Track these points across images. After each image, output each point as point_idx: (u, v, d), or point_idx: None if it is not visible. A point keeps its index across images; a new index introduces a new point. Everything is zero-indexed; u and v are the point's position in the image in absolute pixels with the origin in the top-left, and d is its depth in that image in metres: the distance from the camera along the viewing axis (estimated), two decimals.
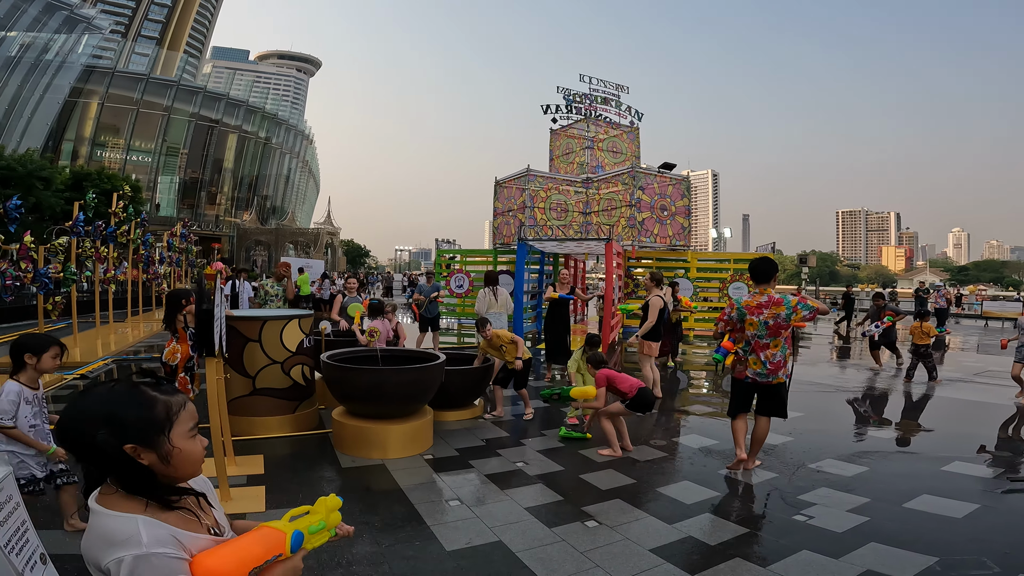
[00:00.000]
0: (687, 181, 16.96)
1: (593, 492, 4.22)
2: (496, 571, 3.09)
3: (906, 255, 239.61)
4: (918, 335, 9.19)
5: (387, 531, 3.52)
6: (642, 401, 5.06)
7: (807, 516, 3.81)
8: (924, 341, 9.10)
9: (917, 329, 9.21)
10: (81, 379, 8.01)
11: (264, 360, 5.39)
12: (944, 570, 3.13)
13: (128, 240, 13.95)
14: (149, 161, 50.82)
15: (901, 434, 6.04)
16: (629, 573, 3.05)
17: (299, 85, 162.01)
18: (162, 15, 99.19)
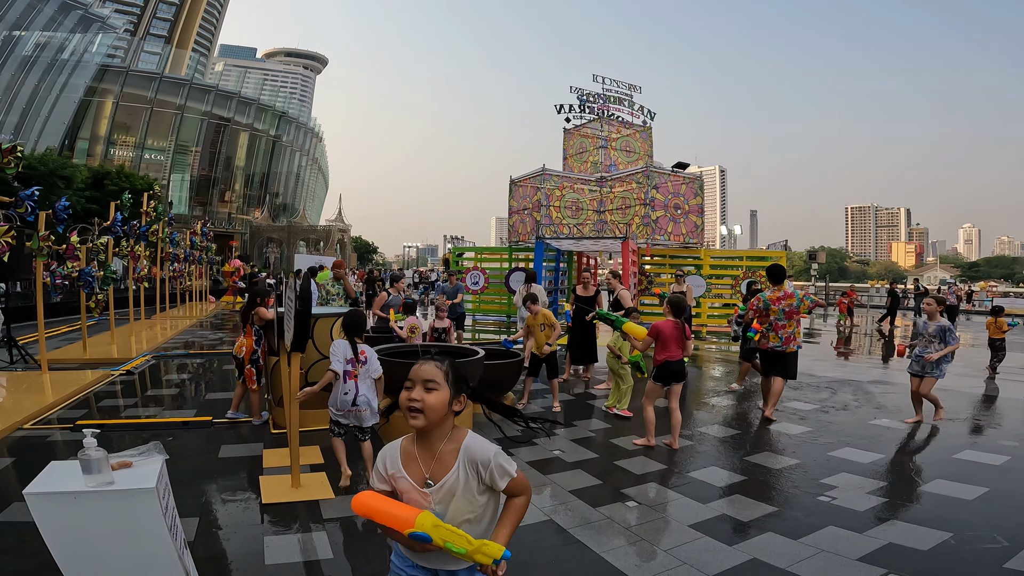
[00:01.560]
0: (700, 180, 17.23)
1: (629, 476, 4.57)
2: (553, 544, 3.44)
3: (916, 251, 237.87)
4: (992, 330, 9.63)
5: None
6: (664, 372, 5.29)
7: (830, 497, 4.15)
8: (999, 335, 9.53)
9: (992, 324, 9.66)
10: (127, 374, 8.42)
11: (316, 355, 5.75)
12: (959, 544, 3.45)
13: (158, 239, 14.39)
14: (162, 159, 51.51)
15: (915, 426, 6.33)
16: (673, 544, 3.41)
17: (306, 82, 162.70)
18: (170, 13, 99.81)
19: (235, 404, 6.14)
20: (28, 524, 3.38)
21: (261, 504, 3.92)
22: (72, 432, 5.53)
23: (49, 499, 2.04)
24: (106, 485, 2.09)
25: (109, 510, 2.07)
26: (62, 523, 2.03)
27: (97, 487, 2.08)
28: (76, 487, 2.07)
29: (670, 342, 5.27)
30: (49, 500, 2.04)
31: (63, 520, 2.04)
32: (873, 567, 3.15)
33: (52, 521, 2.02)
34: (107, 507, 2.06)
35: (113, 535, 2.09)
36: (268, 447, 5.19)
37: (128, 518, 2.08)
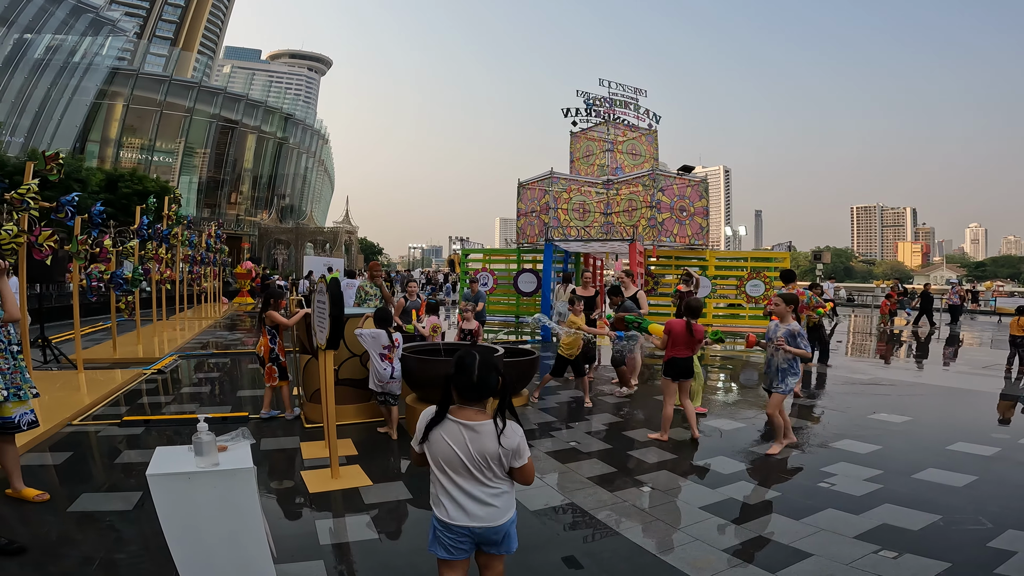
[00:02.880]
0: (705, 182, 17.54)
1: (643, 465, 4.92)
2: (575, 524, 3.80)
3: (922, 251, 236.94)
4: (1014, 327, 10.00)
5: None
6: (671, 368, 5.62)
7: (829, 483, 4.49)
8: (1021, 333, 9.88)
9: (1015, 323, 10.03)
10: (158, 373, 8.82)
11: (346, 354, 6.12)
12: (947, 525, 3.78)
13: (178, 242, 14.81)
14: (171, 162, 52.06)
15: (911, 419, 6.65)
16: (686, 523, 3.77)
17: (311, 84, 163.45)
18: (176, 15, 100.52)
19: (267, 403, 6.45)
20: (99, 514, 3.78)
21: (308, 493, 4.28)
22: (120, 428, 5.90)
23: (168, 479, 2.38)
24: (213, 466, 2.45)
25: (216, 488, 2.42)
26: (176, 501, 2.38)
27: (207, 467, 2.43)
28: (189, 468, 2.42)
29: (679, 341, 5.61)
30: (168, 480, 2.38)
31: (177, 498, 2.38)
32: (868, 544, 3.49)
33: (167, 499, 2.37)
34: (215, 485, 2.41)
35: (216, 512, 2.43)
36: (304, 440, 5.55)
37: (230, 496, 2.43)
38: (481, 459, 2.25)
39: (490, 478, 2.27)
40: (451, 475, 2.28)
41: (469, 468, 2.25)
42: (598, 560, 3.35)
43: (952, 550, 3.42)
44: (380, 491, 4.37)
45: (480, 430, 2.25)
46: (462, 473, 2.26)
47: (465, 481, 2.27)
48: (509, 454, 2.25)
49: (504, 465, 2.28)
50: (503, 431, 2.25)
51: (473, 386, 2.28)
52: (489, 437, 2.25)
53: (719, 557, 3.34)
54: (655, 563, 3.29)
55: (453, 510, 2.28)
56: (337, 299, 4.36)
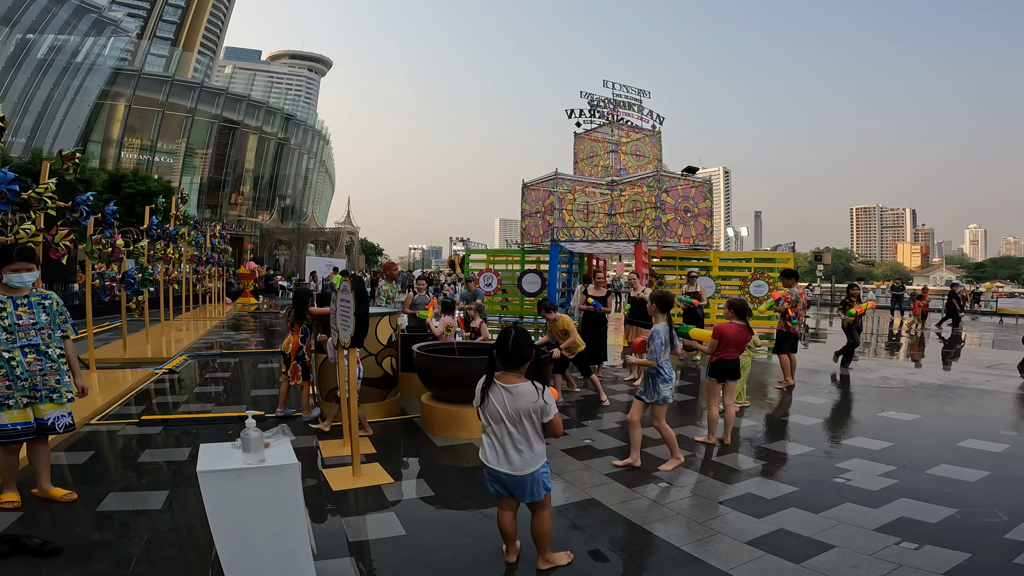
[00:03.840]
0: (709, 183, 17.63)
1: (658, 461, 4.97)
2: (598, 519, 3.86)
3: (922, 252, 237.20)
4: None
5: None
6: (719, 369, 5.51)
7: (845, 479, 4.55)
8: None
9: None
10: (169, 372, 8.87)
11: (363, 353, 6.17)
12: (964, 518, 3.84)
13: (184, 242, 14.86)
14: (172, 162, 52.09)
15: (920, 416, 6.70)
16: (706, 517, 3.82)
17: (311, 85, 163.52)
18: (176, 15, 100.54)
19: (282, 401, 6.50)
20: (128, 513, 3.82)
21: (331, 491, 4.32)
22: (138, 427, 5.95)
23: (217, 476, 2.42)
24: (260, 462, 2.49)
25: (263, 484, 2.46)
26: (225, 498, 2.41)
27: (255, 464, 2.48)
28: (237, 464, 2.47)
29: (731, 344, 5.47)
30: (217, 477, 2.42)
31: (226, 495, 2.41)
32: (889, 536, 3.55)
33: (216, 495, 2.40)
34: (261, 481, 2.45)
35: (262, 507, 2.46)
36: (322, 439, 5.60)
37: (276, 491, 2.47)
38: (515, 415, 2.89)
39: (521, 432, 2.91)
40: (493, 427, 2.97)
41: (505, 422, 2.91)
42: (625, 552, 3.41)
43: (971, 541, 3.48)
44: (402, 488, 4.42)
45: (515, 391, 2.91)
46: (501, 426, 2.92)
47: (502, 433, 2.93)
48: (541, 409, 2.89)
49: (535, 421, 2.91)
50: (541, 390, 2.91)
51: (508, 354, 2.94)
52: (523, 398, 2.89)
53: (743, 549, 3.40)
54: (680, 555, 3.34)
55: (491, 454, 2.99)
56: (363, 297, 4.40)
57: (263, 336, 14.03)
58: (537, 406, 2.88)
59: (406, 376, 6.99)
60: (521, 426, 2.90)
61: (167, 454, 5.12)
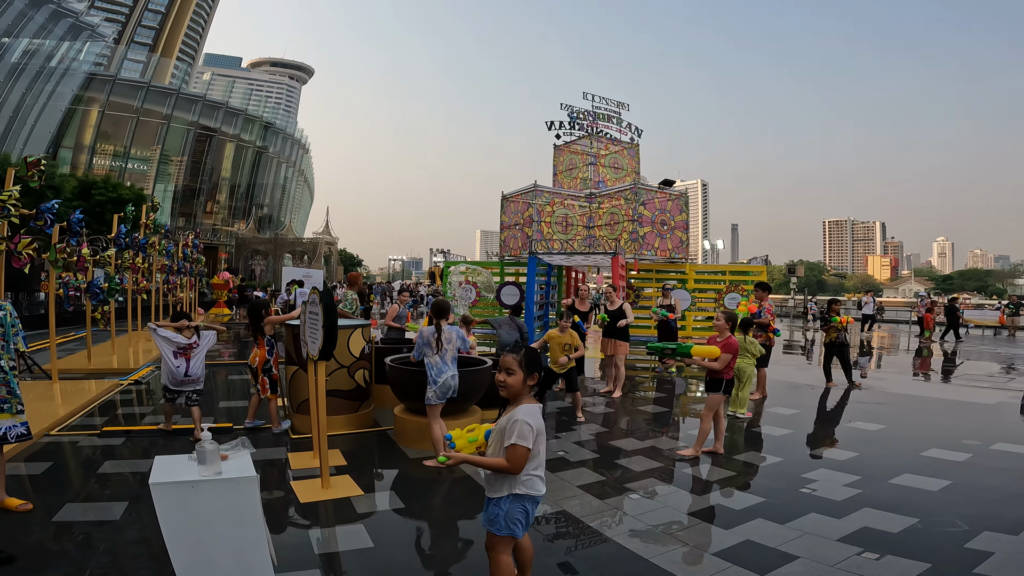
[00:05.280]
0: (685, 196, 17.89)
1: (630, 473, 5.00)
2: (568, 532, 3.85)
3: (891, 264, 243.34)
4: None
5: (472, 506, 4.27)
6: (729, 385, 5.56)
7: (811, 489, 4.62)
8: None
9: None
10: (136, 383, 8.66)
11: (334, 365, 6.10)
12: (925, 527, 3.91)
13: (155, 251, 14.56)
14: (146, 169, 51.16)
15: (885, 426, 6.83)
16: (675, 529, 3.84)
17: (291, 93, 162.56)
18: (156, 21, 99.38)
19: (251, 413, 6.39)
20: (85, 523, 3.73)
21: (299, 503, 4.25)
22: (99, 438, 5.79)
23: (171, 488, 2.37)
24: (216, 474, 2.45)
25: (220, 496, 2.42)
26: (179, 510, 2.37)
27: (211, 476, 2.43)
28: (192, 476, 2.42)
29: (736, 357, 5.58)
30: (170, 489, 2.37)
31: (180, 507, 2.37)
32: (851, 546, 3.60)
33: (170, 508, 2.36)
34: (218, 493, 2.41)
35: (220, 521, 2.43)
36: (291, 451, 5.51)
37: (234, 504, 2.43)
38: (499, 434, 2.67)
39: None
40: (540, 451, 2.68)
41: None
42: (593, 565, 3.40)
43: (932, 551, 3.54)
44: (372, 501, 4.37)
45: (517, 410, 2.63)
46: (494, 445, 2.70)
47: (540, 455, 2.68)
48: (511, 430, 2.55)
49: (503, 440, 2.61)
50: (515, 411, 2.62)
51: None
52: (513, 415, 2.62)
53: (710, 560, 3.42)
54: (648, 567, 3.35)
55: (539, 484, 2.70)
56: (331, 310, 4.36)
57: (236, 347, 13.78)
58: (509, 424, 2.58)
59: (379, 388, 6.92)
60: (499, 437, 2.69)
61: (129, 465, 5.02)
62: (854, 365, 10.39)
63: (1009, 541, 3.66)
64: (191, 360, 5.78)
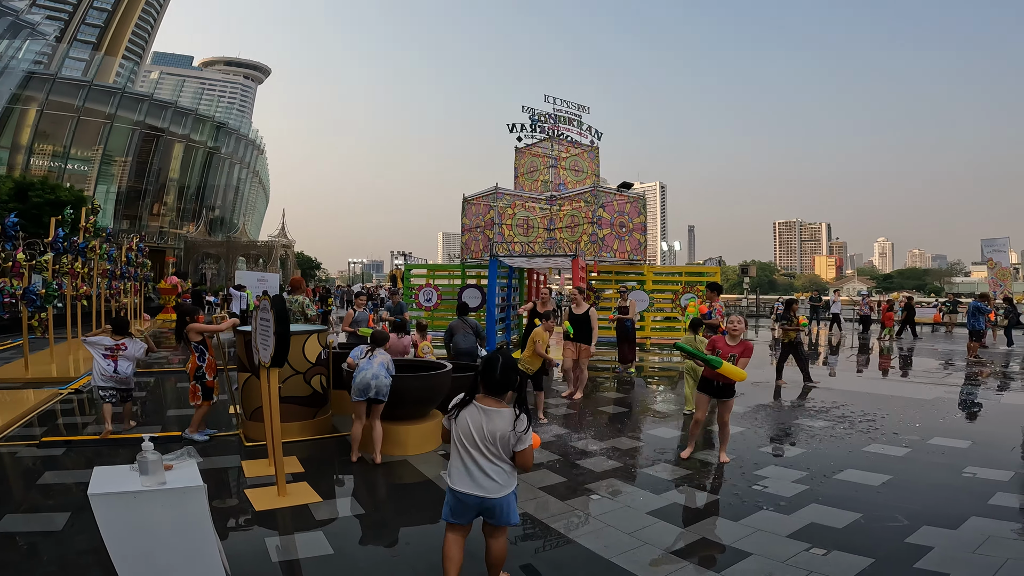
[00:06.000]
0: (643, 199, 18.24)
1: (590, 474, 5.05)
2: (530, 533, 3.87)
3: (836, 264, 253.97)
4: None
5: (436, 510, 4.21)
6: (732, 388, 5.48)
7: (763, 486, 4.76)
8: None
9: None
10: (76, 392, 8.27)
11: (288, 371, 5.94)
12: (868, 522, 4.07)
13: (95, 255, 13.89)
14: (87, 170, 48.79)
15: (830, 423, 7.11)
16: (634, 528, 3.90)
17: (246, 93, 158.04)
18: (101, 19, 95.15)
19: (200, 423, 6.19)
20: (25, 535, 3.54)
21: (255, 511, 4.14)
22: (38, 448, 5.52)
23: (112, 499, 2.27)
24: (160, 485, 2.35)
25: (164, 507, 2.33)
26: (121, 521, 2.27)
27: (154, 486, 2.33)
28: (134, 487, 2.31)
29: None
30: (112, 500, 2.27)
31: (123, 518, 2.27)
32: (800, 542, 3.72)
33: (112, 519, 2.25)
34: (163, 504, 2.32)
35: (166, 531, 2.34)
36: (245, 459, 5.35)
37: (181, 514, 2.34)
38: (490, 438, 2.81)
39: (493, 455, 2.83)
40: (465, 448, 2.85)
41: (478, 444, 2.82)
42: (555, 567, 3.43)
43: (874, 546, 3.65)
44: (331, 507, 4.30)
45: (494, 416, 2.84)
46: (472, 448, 2.83)
47: (475, 454, 2.83)
48: (516, 438, 2.81)
49: (508, 447, 2.83)
50: (519, 417, 2.82)
51: (496, 383, 2.89)
52: (502, 420, 2.82)
53: (668, 559, 3.49)
54: (609, 567, 3.39)
55: (458, 478, 2.87)
56: (283, 316, 4.26)
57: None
58: (512, 433, 2.80)
59: (339, 394, 6.79)
60: (495, 449, 2.83)
61: (71, 475, 4.84)
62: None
63: (947, 535, 3.79)
64: (118, 361, 6.08)
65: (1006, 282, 24.48)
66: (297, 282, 8.56)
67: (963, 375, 11.17)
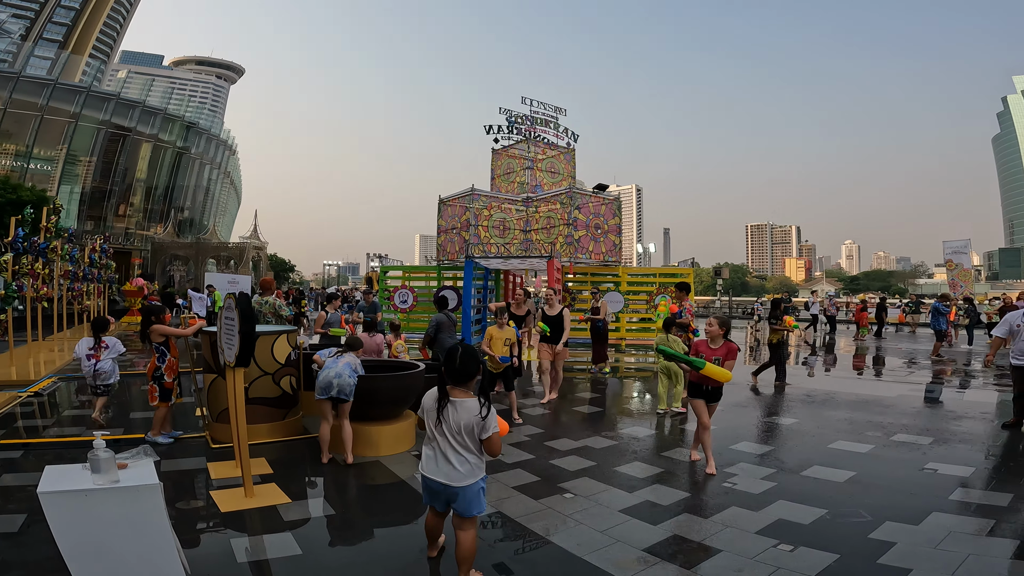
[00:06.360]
0: (618, 201, 18.40)
1: (564, 473, 5.06)
2: (503, 532, 3.87)
3: (806, 266, 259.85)
4: None
5: (409, 511, 4.19)
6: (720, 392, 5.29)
7: (732, 484, 4.81)
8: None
9: None
10: (35, 396, 8.00)
11: (256, 372, 5.82)
12: (833, 518, 4.12)
13: (57, 256, 13.44)
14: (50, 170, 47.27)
15: (798, 421, 7.24)
16: (607, 526, 3.91)
17: (218, 92, 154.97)
18: (69, 18, 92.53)
19: (165, 424, 6.04)
20: None
21: (220, 512, 4.05)
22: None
23: (62, 497, 2.19)
24: (113, 483, 2.28)
25: (118, 506, 2.26)
26: (73, 520, 2.20)
27: (106, 484, 2.25)
28: (86, 485, 2.24)
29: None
30: (62, 498, 2.19)
31: (74, 517, 2.20)
32: (768, 539, 3.76)
33: (63, 518, 2.18)
34: (116, 503, 2.25)
35: (120, 530, 2.27)
36: (211, 461, 5.24)
37: (135, 513, 2.27)
38: (456, 428, 2.96)
39: (461, 445, 2.97)
40: (435, 436, 3.03)
41: (447, 434, 2.98)
42: (528, 565, 3.42)
43: (839, 542, 3.69)
44: (301, 508, 4.23)
45: (460, 406, 2.98)
46: (440, 436, 3.00)
47: (442, 443, 3.00)
48: (480, 426, 2.94)
49: (475, 436, 2.97)
50: (482, 405, 2.96)
51: (456, 371, 3.01)
52: (467, 412, 2.96)
53: (640, 556, 3.50)
54: (582, 565, 3.39)
55: (428, 464, 3.06)
56: (248, 315, 4.17)
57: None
58: (478, 421, 2.95)
59: (309, 395, 6.65)
60: (461, 438, 2.98)
61: (29, 478, 4.63)
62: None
63: (910, 531, 3.85)
64: (99, 360, 6.60)
65: (967, 283, 25.33)
66: (267, 283, 8.39)
67: (925, 373, 11.50)
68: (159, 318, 6.01)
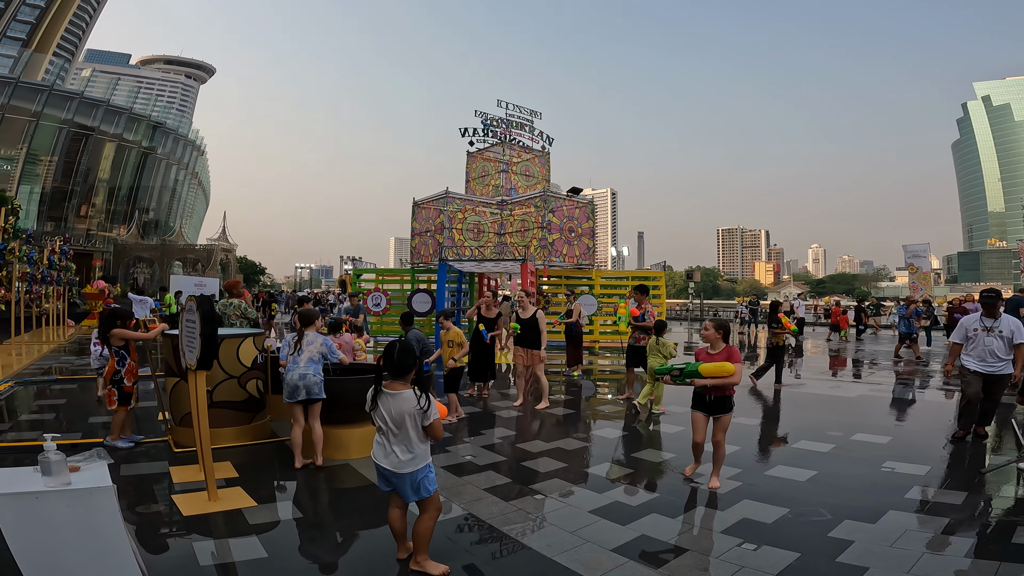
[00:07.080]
0: (592, 204, 18.55)
1: (535, 475, 5.07)
2: (474, 534, 3.86)
3: (774, 270, 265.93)
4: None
5: (379, 513, 4.13)
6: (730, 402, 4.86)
7: (698, 483, 4.88)
8: None
9: None
10: None
11: (221, 375, 5.70)
12: (795, 516, 4.20)
13: (14, 258, 12.97)
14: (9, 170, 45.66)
15: (764, 420, 7.40)
16: (577, 527, 3.94)
17: (187, 92, 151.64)
18: (34, 16, 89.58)
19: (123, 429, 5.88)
20: None
21: (182, 516, 3.97)
22: None
23: (12, 500, 2.13)
24: (65, 485, 2.22)
25: (70, 508, 2.20)
26: (24, 523, 2.14)
27: (57, 487, 2.20)
28: (36, 487, 2.18)
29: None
30: (12, 501, 2.13)
31: (25, 520, 2.14)
32: (733, 537, 3.81)
33: (14, 521, 2.12)
34: (68, 505, 2.20)
35: (72, 533, 2.22)
36: (173, 465, 5.12)
37: (88, 516, 2.22)
38: (398, 418, 3.14)
39: (404, 434, 3.16)
40: (381, 428, 3.21)
41: (388, 424, 3.16)
42: (498, 567, 3.42)
43: (801, 540, 3.75)
44: (267, 512, 4.16)
45: (398, 397, 3.16)
46: (384, 427, 3.19)
47: (387, 433, 3.19)
48: (420, 414, 3.14)
49: (417, 424, 3.16)
50: (419, 395, 3.16)
51: (394, 364, 3.21)
52: (405, 402, 3.15)
53: (609, 556, 3.52)
54: (552, 566, 3.40)
55: (378, 452, 3.24)
56: (209, 318, 4.10)
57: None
58: (416, 410, 3.14)
59: (276, 398, 6.54)
60: (404, 428, 3.15)
61: None
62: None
63: (868, 530, 3.94)
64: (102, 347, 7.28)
65: (927, 286, 26.23)
66: (233, 285, 8.21)
67: (885, 374, 11.85)
68: (126, 323, 5.87)
